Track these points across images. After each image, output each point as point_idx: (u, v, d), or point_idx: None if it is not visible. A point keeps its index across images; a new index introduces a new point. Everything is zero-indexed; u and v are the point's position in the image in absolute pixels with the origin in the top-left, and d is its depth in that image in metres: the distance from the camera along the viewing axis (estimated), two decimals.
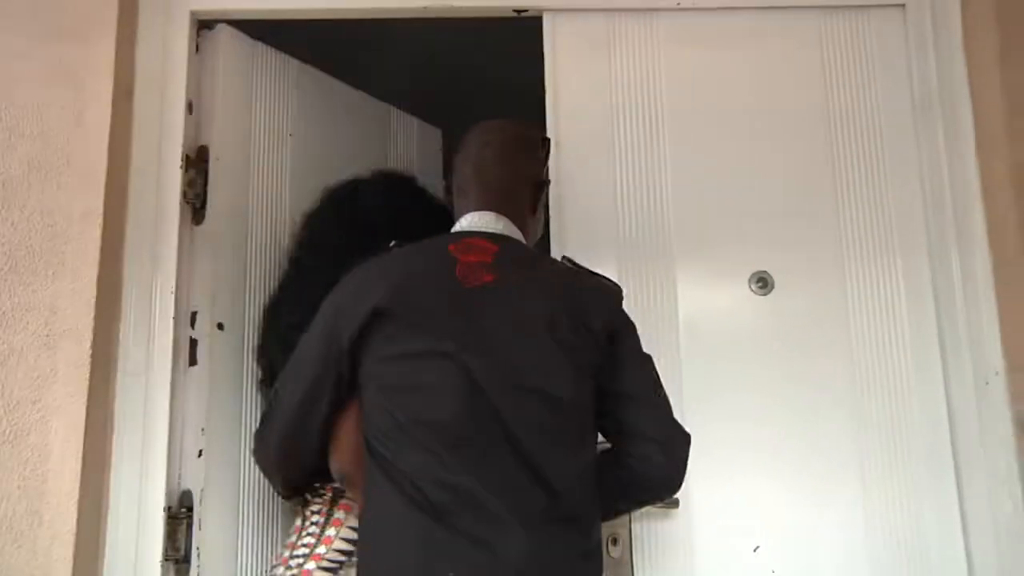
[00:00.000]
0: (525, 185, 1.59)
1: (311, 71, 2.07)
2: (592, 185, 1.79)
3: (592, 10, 1.84)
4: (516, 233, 1.54)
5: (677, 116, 1.81)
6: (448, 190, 1.66)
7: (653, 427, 1.44)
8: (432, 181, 2.15)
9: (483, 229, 1.52)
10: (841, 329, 1.73)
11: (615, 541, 1.65)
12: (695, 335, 1.73)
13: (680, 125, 1.80)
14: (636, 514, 1.65)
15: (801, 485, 1.67)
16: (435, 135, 2.46)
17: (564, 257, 1.60)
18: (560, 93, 1.82)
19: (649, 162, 1.79)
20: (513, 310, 1.43)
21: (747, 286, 1.75)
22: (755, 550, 1.65)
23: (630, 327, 1.48)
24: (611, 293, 1.52)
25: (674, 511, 1.66)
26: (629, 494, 1.49)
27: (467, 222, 1.54)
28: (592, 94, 1.82)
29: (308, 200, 1.87)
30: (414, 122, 2.37)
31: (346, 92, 2.18)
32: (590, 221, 1.77)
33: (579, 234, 1.76)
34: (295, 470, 1.53)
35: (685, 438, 1.45)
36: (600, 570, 1.41)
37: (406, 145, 2.34)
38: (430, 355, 1.40)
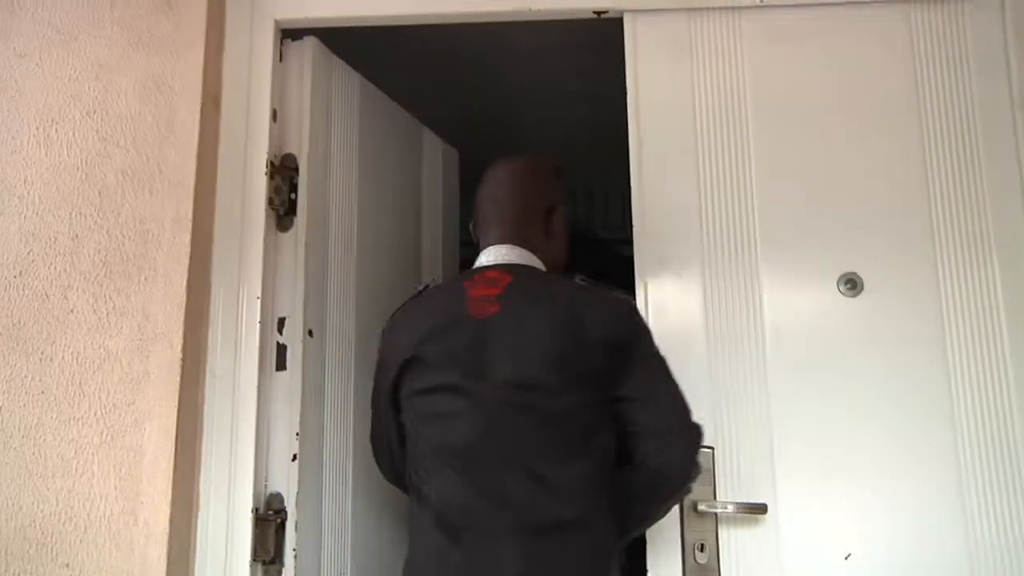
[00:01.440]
0: (538, 212, 1.72)
1: (369, 85, 2.11)
2: (675, 186, 1.76)
3: (673, 10, 1.82)
4: (532, 260, 1.67)
5: (761, 114, 1.77)
6: (473, 227, 1.80)
7: (655, 421, 1.53)
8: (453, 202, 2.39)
9: (499, 262, 1.66)
10: (935, 332, 1.68)
11: (702, 547, 1.62)
12: (781, 339, 1.69)
13: (764, 123, 1.77)
14: (723, 520, 1.63)
15: (895, 493, 1.62)
16: (454, 156, 2.50)
17: (579, 277, 1.67)
18: (642, 94, 1.80)
19: (733, 161, 1.76)
20: (514, 335, 1.54)
21: (835, 288, 1.70)
22: (847, 558, 1.60)
23: (636, 335, 1.57)
24: (615, 306, 1.59)
25: (762, 517, 1.62)
26: (646, 492, 1.55)
27: (484, 258, 1.68)
28: (674, 94, 1.79)
29: (375, 215, 1.98)
30: (439, 142, 2.41)
31: (393, 108, 2.22)
32: (673, 223, 1.74)
33: (662, 236, 1.74)
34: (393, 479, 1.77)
35: (688, 427, 1.53)
36: (614, 563, 1.51)
37: (432, 164, 2.38)
38: (443, 388, 1.56)
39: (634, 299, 1.68)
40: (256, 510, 1.66)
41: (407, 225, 2.24)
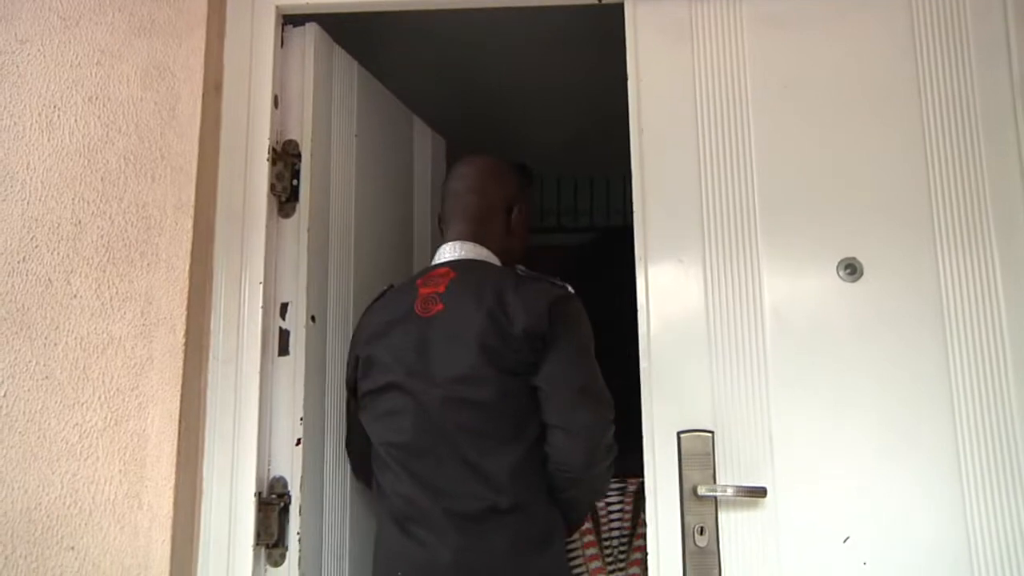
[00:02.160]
0: (498, 210, 1.82)
1: (365, 72, 2.11)
2: (675, 172, 1.76)
3: None
4: (484, 254, 1.75)
5: (762, 100, 1.77)
6: (439, 220, 1.88)
7: (557, 416, 1.60)
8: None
9: (454, 258, 1.74)
10: (934, 317, 1.68)
11: (702, 530, 1.63)
12: (781, 323, 1.70)
13: (765, 109, 1.77)
14: (722, 503, 1.64)
15: (894, 476, 1.63)
16: (442, 145, 2.52)
17: (518, 267, 1.75)
18: (643, 80, 1.80)
19: (734, 147, 1.76)
20: (452, 331, 1.62)
21: (835, 273, 1.71)
22: (845, 541, 1.61)
23: (556, 325, 1.60)
24: (540, 296, 1.63)
25: (761, 500, 1.63)
26: (558, 481, 1.63)
27: (439, 254, 1.77)
28: (675, 80, 1.79)
29: (372, 203, 1.99)
30: (428, 130, 2.43)
31: (387, 96, 2.23)
32: (674, 208, 1.75)
33: (662, 221, 1.74)
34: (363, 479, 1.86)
35: (588, 427, 1.59)
36: (552, 547, 1.62)
37: (423, 152, 2.40)
38: (389, 387, 1.64)
39: (566, 289, 1.70)
40: (259, 494, 1.67)
41: (402, 212, 2.26)
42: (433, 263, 1.77)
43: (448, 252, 1.76)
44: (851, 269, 1.71)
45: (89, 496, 1.59)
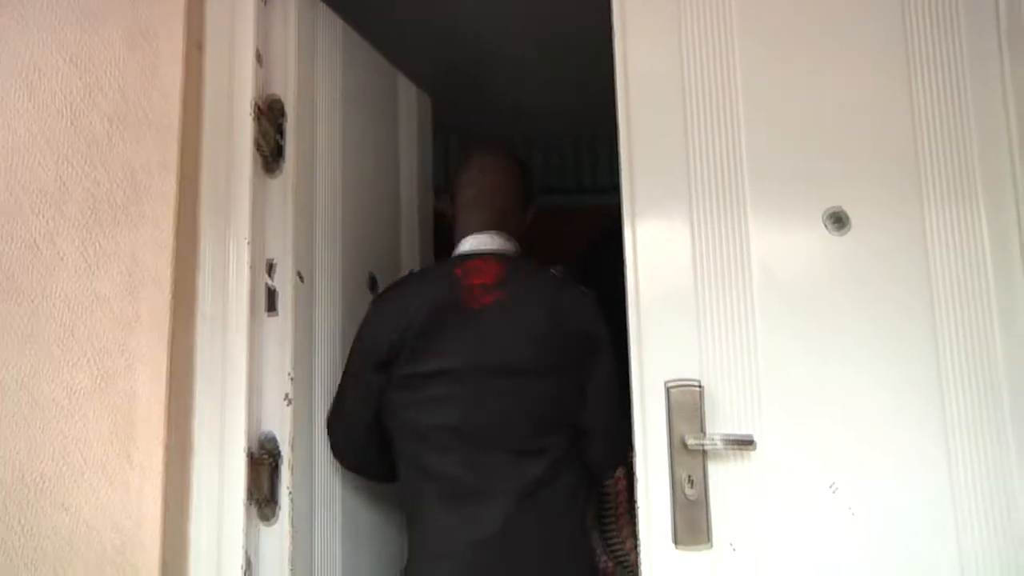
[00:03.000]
0: (520, 205, 1.94)
1: (349, 31, 2.09)
2: (662, 126, 1.75)
3: None
4: (514, 248, 1.87)
5: (748, 51, 1.76)
6: (451, 201, 1.96)
7: (594, 420, 1.79)
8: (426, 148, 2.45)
9: (489, 249, 1.82)
10: (920, 268, 1.68)
11: (691, 482, 1.64)
12: (768, 276, 1.70)
13: (751, 60, 1.76)
14: (711, 454, 1.64)
15: (879, 426, 1.64)
16: (427, 102, 2.50)
17: (552, 268, 1.88)
18: (629, 35, 1.78)
19: (720, 100, 1.75)
20: (510, 322, 1.73)
21: (822, 224, 1.71)
22: (832, 490, 1.63)
23: (603, 335, 1.77)
24: (587, 299, 1.80)
25: (749, 450, 1.64)
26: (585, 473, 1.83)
27: (469, 244, 1.84)
28: (661, 33, 1.78)
29: (357, 162, 2.00)
30: (412, 87, 2.41)
31: (370, 52, 2.21)
32: (661, 162, 1.74)
33: (649, 175, 1.73)
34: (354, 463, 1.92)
35: (616, 431, 1.77)
36: (581, 519, 1.82)
37: (408, 110, 2.38)
38: (439, 373, 1.72)
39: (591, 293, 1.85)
40: (250, 451, 1.68)
41: (387, 170, 2.25)
42: (465, 251, 1.84)
43: (483, 242, 1.84)
44: (838, 220, 1.71)
45: (80, 456, 1.59)
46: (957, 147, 1.72)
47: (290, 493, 1.69)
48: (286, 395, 1.71)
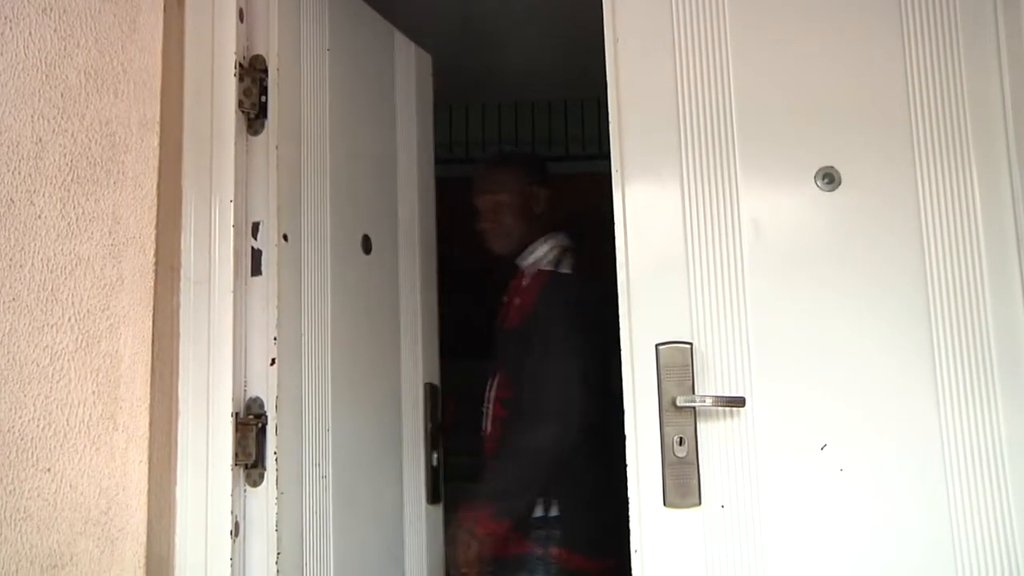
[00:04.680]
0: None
1: None
2: (652, 84, 1.73)
3: None
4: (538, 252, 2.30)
5: (739, 10, 1.74)
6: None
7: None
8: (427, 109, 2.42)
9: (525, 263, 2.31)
10: (912, 227, 1.68)
11: (681, 441, 1.64)
12: (759, 234, 1.69)
13: (743, 17, 1.74)
14: (701, 414, 1.64)
15: (870, 385, 1.64)
16: (427, 61, 2.44)
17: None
18: None
19: (710, 57, 1.73)
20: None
21: (813, 182, 1.70)
22: (822, 448, 1.63)
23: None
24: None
25: (739, 410, 1.64)
26: None
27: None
28: None
29: (348, 122, 1.93)
30: (411, 45, 2.35)
31: (362, 7, 2.15)
32: (651, 121, 1.72)
33: (639, 134, 1.71)
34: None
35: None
36: None
37: (405, 69, 2.32)
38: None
39: None
40: (236, 414, 1.66)
41: (381, 129, 2.20)
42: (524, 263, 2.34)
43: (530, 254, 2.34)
44: (829, 179, 1.70)
45: (63, 418, 1.56)
46: (949, 107, 1.71)
47: (276, 456, 1.67)
48: (272, 358, 1.69)
